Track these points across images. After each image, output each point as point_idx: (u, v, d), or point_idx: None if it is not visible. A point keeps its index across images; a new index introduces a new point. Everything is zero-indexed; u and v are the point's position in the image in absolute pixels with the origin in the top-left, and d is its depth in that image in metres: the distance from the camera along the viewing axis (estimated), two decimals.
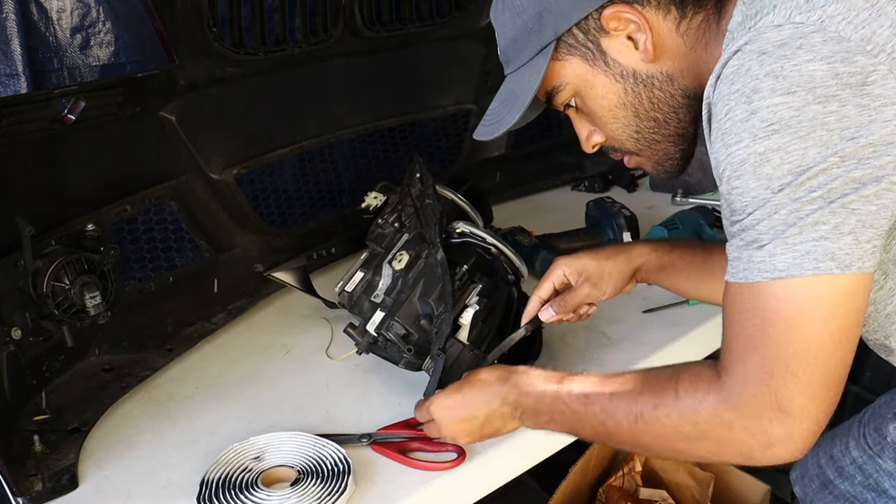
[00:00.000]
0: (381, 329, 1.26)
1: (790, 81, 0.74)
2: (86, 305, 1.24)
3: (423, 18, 1.74)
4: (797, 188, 0.75)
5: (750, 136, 0.76)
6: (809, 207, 0.75)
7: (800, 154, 0.74)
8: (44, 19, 1.62)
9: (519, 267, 1.38)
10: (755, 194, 0.77)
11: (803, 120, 0.74)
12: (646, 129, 1.00)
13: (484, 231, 1.38)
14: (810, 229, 0.75)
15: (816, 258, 0.75)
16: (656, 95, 0.96)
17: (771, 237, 0.77)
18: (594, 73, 0.97)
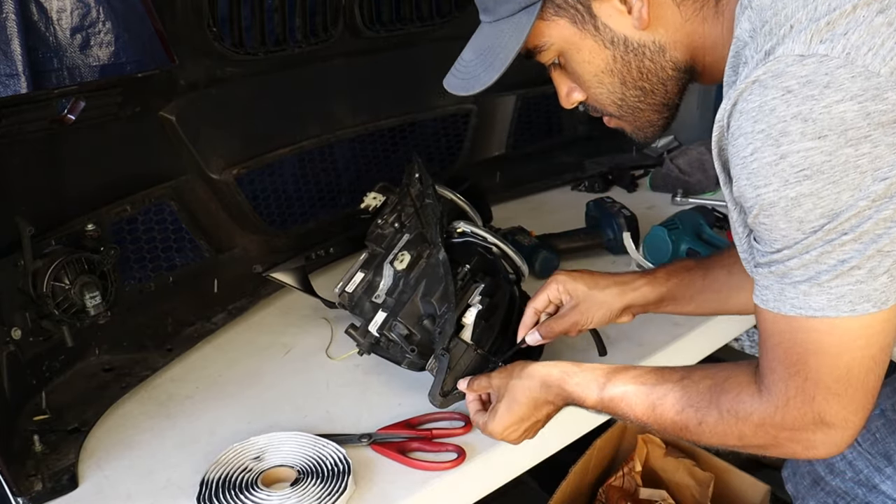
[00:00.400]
0: (383, 329, 1.26)
1: (820, 125, 0.72)
2: (86, 305, 1.24)
3: (423, 18, 1.74)
4: (829, 232, 0.74)
5: (780, 181, 0.75)
6: (841, 251, 0.75)
7: (832, 199, 0.73)
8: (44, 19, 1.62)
9: (520, 266, 1.38)
10: (786, 233, 0.77)
11: (836, 164, 0.72)
12: (631, 97, 0.97)
13: (485, 230, 1.38)
14: (845, 275, 0.75)
15: (852, 301, 0.76)
16: (646, 65, 0.94)
17: (803, 276, 0.78)
18: (582, 36, 0.93)
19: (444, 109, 1.95)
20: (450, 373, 1.15)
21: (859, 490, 1.22)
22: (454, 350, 1.16)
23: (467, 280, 1.27)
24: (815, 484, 1.30)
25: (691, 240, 1.63)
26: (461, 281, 1.26)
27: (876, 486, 1.20)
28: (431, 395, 1.15)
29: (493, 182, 2.06)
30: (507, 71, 0.95)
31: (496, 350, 1.20)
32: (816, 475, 1.29)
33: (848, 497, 1.24)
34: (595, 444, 1.68)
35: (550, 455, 1.24)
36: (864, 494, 1.21)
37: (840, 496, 1.25)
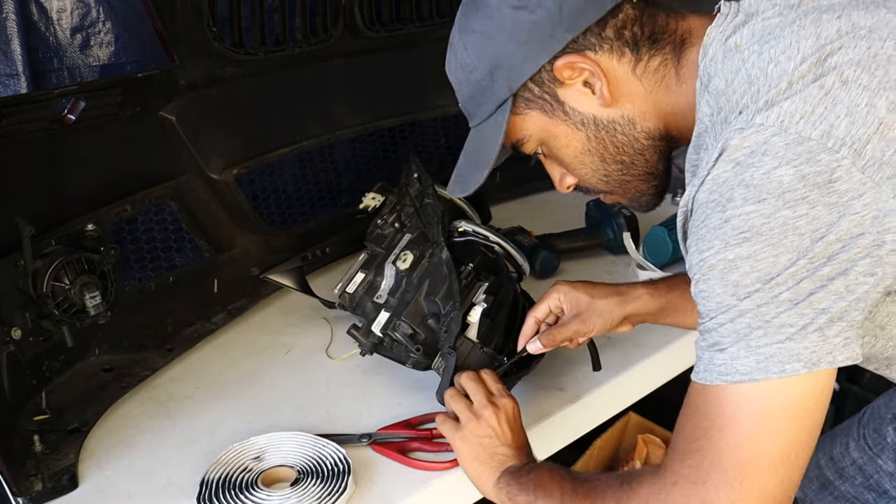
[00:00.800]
0: (386, 329, 1.26)
1: (760, 189, 0.74)
2: (86, 305, 1.24)
3: (423, 18, 1.74)
4: (764, 294, 0.74)
5: (721, 243, 0.76)
6: (775, 311, 0.74)
7: (770, 262, 0.73)
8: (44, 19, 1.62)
9: (521, 264, 1.39)
10: (720, 300, 0.76)
11: (774, 227, 0.73)
12: (614, 171, 1.00)
13: (486, 229, 1.38)
14: (775, 332, 0.74)
15: (782, 360, 0.74)
16: (619, 139, 0.97)
17: (733, 340, 0.76)
18: (555, 123, 0.98)
19: (444, 109, 1.95)
20: (459, 372, 1.15)
21: (869, 495, 1.21)
22: (461, 348, 1.16)
23: (471, 279, 1.27)
24: (823, 488, 1.29)
25: None
26: (465, 280, 1.26)
27: (886, 491, 1.20)
28: (439, 393, 1.14)
29: (493, 182, 2.05)
30: None
31: (501, 348, 1.20)
32: (825, 479, 1.28)
33: (857, 502, 1.24)
34: (595, 444, 1.68)
35: (550, 455, 1.24)
36: (874, 500, 1.21)
37: (849, 501, 1.25)
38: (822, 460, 1.30)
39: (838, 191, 0.72)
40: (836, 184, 0.72)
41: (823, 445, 1.31)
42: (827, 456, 1.29)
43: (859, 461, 1.23)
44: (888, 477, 1.19)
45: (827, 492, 1.28)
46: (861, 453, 1.24)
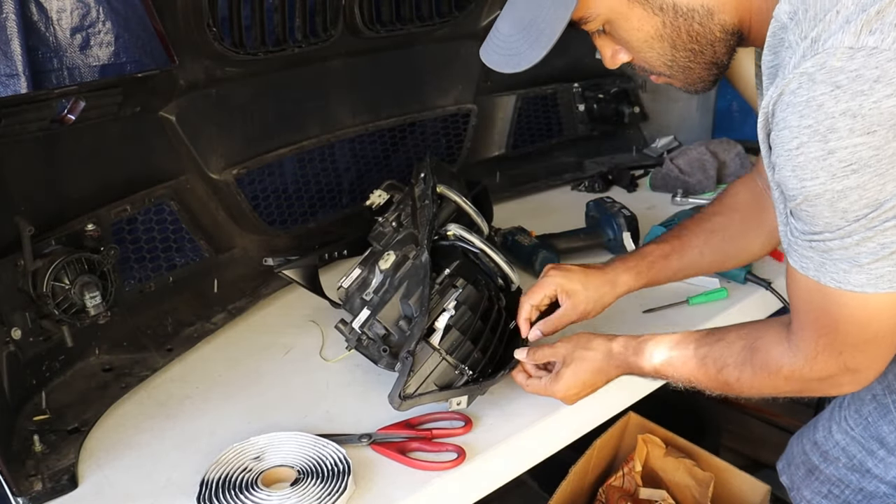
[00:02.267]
0: (364, 327, 1.26)
1: (870, 121, 0.72)
2: (86, 305, 1.24)
3: (423, 18, 1.74)
4: (872, 220, 0.77)
5: (827, 175, 0.76)
6: (882, 237, 0.78)
7: (877, 189, 0.75)
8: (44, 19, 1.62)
9: (509, 274, 1.34)
10: (829, 221, 0.80)
11: (883, 158, 0.74)
12: (681, 58, 0.97)
13: (476, 236, 1.35)
14: (886, 259, 0.79)
15: (891, 280, 0.81)
16: (695, 29, 0.94)
17: (843, 257, 0.82)
18: (630, 5, 0.93)
19: (444, 109, 1.95)
20: (412, 376, 1.14)
21: (853, 476, 1.23)
22: (419, 353, 1.15)
23: (444, 283, 1.25)
24: (809, 473, 1.31)
25: None
26: (438, 285, 1.24)
27: (869, 469, 1.21)
28: (390, 396, 1.14)
29: (493, 182, 2.06)
30: None
31: (466, 357, 1.18)
32: (811, 465, 1.30)
33: (842, 484, 1.25)
34: (595, 444, 1.68)
35: (550, 455, 1.24)
36: (858, 480, 1.23)
37: (834, 484, 1.26)
38: (806, 446, 1.32)
39: None
40: None
41: (807, 432, 1.33)
42: (811, 441, 1.31)
43: (842, 443, 1.25)
44: (870, 455, 1.21)
45: (813, 477, 1.30)
46: (843, 435, 1.25)
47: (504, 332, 1.26)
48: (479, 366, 1.18)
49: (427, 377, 1.15)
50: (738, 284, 1.52)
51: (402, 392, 1.13)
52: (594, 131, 2.28)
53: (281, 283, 1.58)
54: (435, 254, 1.28)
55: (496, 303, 1.28)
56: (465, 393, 1.16)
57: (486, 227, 1.46)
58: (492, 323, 1.23)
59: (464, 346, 1.18)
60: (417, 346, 1.15)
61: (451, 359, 1.16)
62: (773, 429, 2.34)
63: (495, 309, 1.26)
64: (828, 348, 0.91)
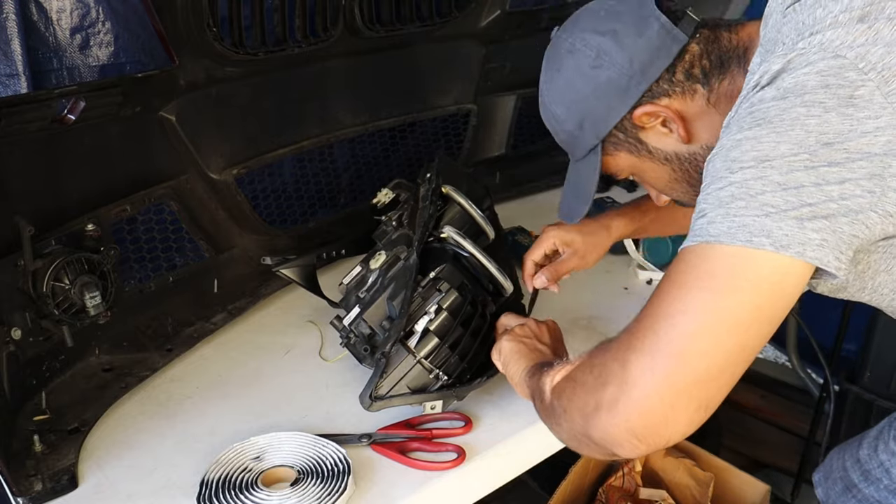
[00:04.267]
0: (352, 325, 1.26)
1: (784, 89, 0.78)
2: (86, 305, 1.24)
3: (423, 18, 1.74)
4: (755, 170, 0.75)
5: (737, 127, 0.80)
6: (761, 187, 0.74)
7: (771, 146, 0.75)
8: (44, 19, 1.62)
9: (500, 281, 1.33)
10: (715, 173, 0.79)
11: (785, 119, 0.76)
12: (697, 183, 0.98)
13: (467, 240, 1.34)
14: (756, 207, 0.74)
15: (752, 231, 0.74)
16: (702, 165, 0.92)
17: (714, 206, 0.77)
18: (641, 161, 1.09)
19: (444, 109, 1.95)
20: (384, 378, 1.14)
21: (893, 500, 1.21)
22: (394, 355, 1.15)
23: (429, 287, 1.24)
24: (846, 490, 1.28)
25: None
26: (421, 287, 1.23)
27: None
28: (361, 396, 1.14)
29: (493, 182, 2.06)
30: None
31: (443, 362, 1.17)
32: (850, 482, 1.28)
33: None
34: None
35: (550, 455, 1.24)
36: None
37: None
38: (847, 462, 1.29)
39: (857, 106, 0.74)
40: (856, 100, 0.74)
41: (851, 447, 1.31)
42: (854, 458, 1.28)
43: (886, 463, 1.23)
44: None
45: (850, 494, 1.27)
46: (889, 456, 1.23)
47: (487, 339, 1.23)
48: (457, 371, 1.17)
49: (400, 380, 1.15)
50: None
51: (372, 393, 1.13)
52: None
53: (280, 283, 1.58)
54: (428, 256, 1.27)
55: (480, 308, 1.25)
56: (438, 398, 1.16)
57: (491, 231, 1.44)
58: (472, 329, 1.21)
59: (441, 351, 1.17)
60: (393, 348, 1.14)
61: (426, 363, 1.15)
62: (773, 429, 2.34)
63: (477, 315, 1.23)
64: (633, 325, 0.79)
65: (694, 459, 1.73)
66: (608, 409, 0.77)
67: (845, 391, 1.86)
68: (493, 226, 1.47)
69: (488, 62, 1.94)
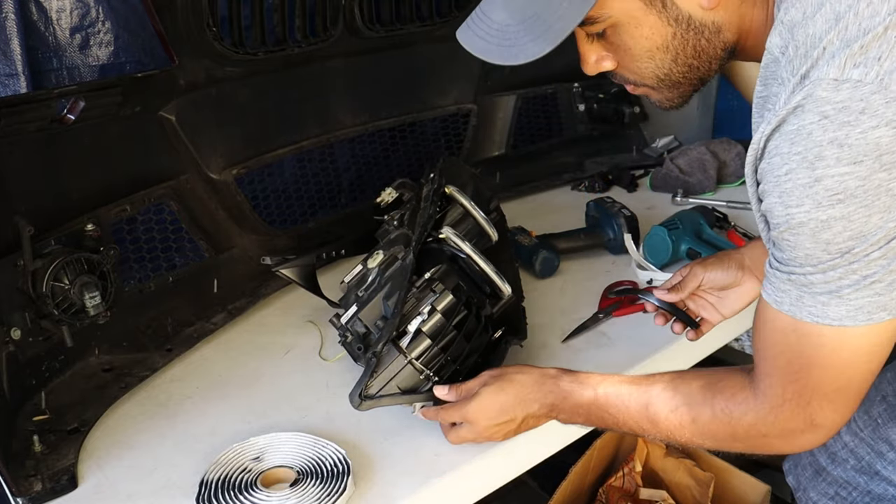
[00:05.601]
0: (348, 324, 1.26)
1: (856, 150, 0.73)
2: (85, 305, 1.24)
3: (423, 18, 1.74)
4: (857, 254, 0.77)
5: (813, 203, 0.76)
6: (866, 269, 0.77)
7: (862, 222, 0.75)
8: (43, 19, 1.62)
9: (497, 283, 1.31)
10: (810, 253, 0.79)
11: (869, 189, 0.74)
12: (677, 72, 0.95)
13: (465, 242, 1.32)
14: (866, 288, 0.78)
15: (870, 311, 0.79)
16: (701, 44, 0.92)
17: (824, 290, 0.80)
18: (647, 12, 0.89)
19: (444, 109, 1.95)
20: (374, 377, 1.13)
21: (861, 478, 1.23)
22: (385, 355, 1.14)
23: (423, 287, 1.22)
24: (816, 475, 1.31)
25: (691, 240, 1.63)
26: (416, 288, 1.22)
27: (878, 471, 1.21)
28: (351, 395, 1.13)
29: (493, 182, 2.06)
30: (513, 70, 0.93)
31: (434, 364, 1.16)
32: (818, 466, 1.30)
33: (850, 486, 1.25)
34: (595, 444, 1.67)
35: (550, 455, 1.24)
36: (866, 482, 1.23)
37: (841, 486, 1.26)
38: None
39: None
40: None
41: None
42: None
43: (850, 444, 1.25)
44: (879, 458, 1.21)
45: (820, 478, 1.30)
46: (852, 436, 1.25)
47: (480, 341, 1.22)
48: (448, 373, 1.16)
49: (391, 380, 1.14)
50: None
51: (362, 392, 1.12)
52: (594, 131, 2.27)
53: (280, 283, 1.58)
54: (426, 256, 1.26)
55: (474, 310, 1.23)
56: (428, 399, 1.15)
57: (494, 232, 1.43)
58: (466, 331, 1.19)
59: (432, 352, 1.16)
60: (384, 348, 1.14)
61: (417, 363, 1.14)
62: None
63: (472, 316, 1.21)
64: (796, 397, 0.87)
65: (694, 459, 1.73)
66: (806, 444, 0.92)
67: None
68: (499, 228, 1.45)
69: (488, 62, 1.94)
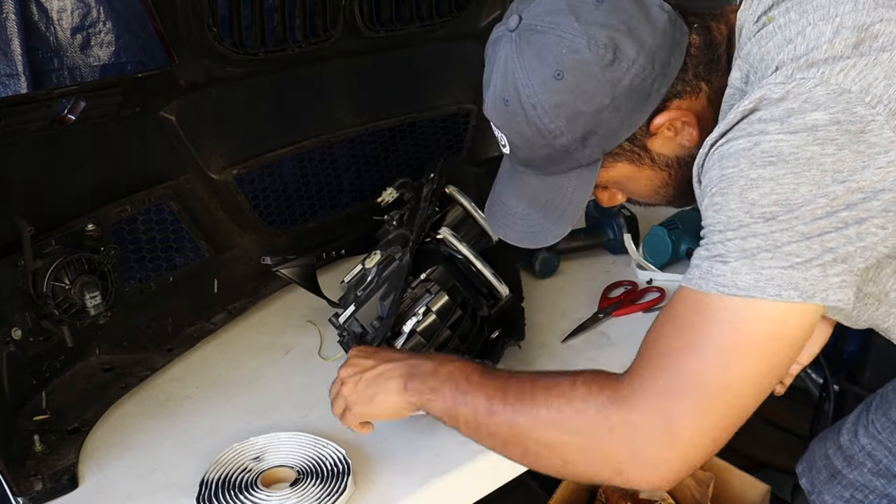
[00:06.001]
0: (346, 323, 1.26)
1: (794, 125, 0.77)
2: (86, 305, 1.24)
3: (423, 18, 1.74)
4: (780, 221, 0.76)
5: (747, 162, 0.78)
6: (787, 238, 0.76)
7: (790, 189, 0.76)
8: (44, 19, 1.62)
9: (494, 285, 1.30)
10: (733, 215, 0.78)
11: (801, 158, 0.76)
12: (683, 190, 0.99)
13: (462, 243, 1.32)
14: (782, 258, 0.76)
15: (780, 285, 0.76)
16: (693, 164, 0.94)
17: (738, 256, 0.77)
18: (640, 170, 0.98)
19: (444, 109, 1.95)
20: None
21: (878, 481, 1.22)
22: None
23: (419, 288, 1.22)
24: (831, 478, 1.29)
25: (691, 240, 1.63)
26: (411, 289, 1.22)
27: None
28: None
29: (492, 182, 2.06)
30: None
31: None
32: (833, 469, 1.29)
33: (866, 489, 1.23)
34: None
35: None
36: (883, 486, 1.21)
37: (858, 489, 1.25)
38: (830, 450, 1.30)
39: (867, 142, 0.75)
40: (867, 136, 0.75)
41: (831, 435, 1.31)
42: (835, 445, 1.29)
43: (868, 447, 1.23)
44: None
45: (835, 481, 1.28)
46: (870, 439, 1.23)
47: (476, 342, 1.22)
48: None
49: None
50: None
51: None
52: None
53: (280, 283, 1.58)
54: (423, 257, 1.26)
55: (470, 311, 1.23)
56: None
57: (494, 233, 1.43)
58: (461, 331, 1.19)
59: None
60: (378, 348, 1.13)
61: None
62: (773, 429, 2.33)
63: (467, 317, 1.22)
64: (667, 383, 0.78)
65: None
66: (657, 467, 0.80)
67: (845, 391, 1.86)
68: None
69: None
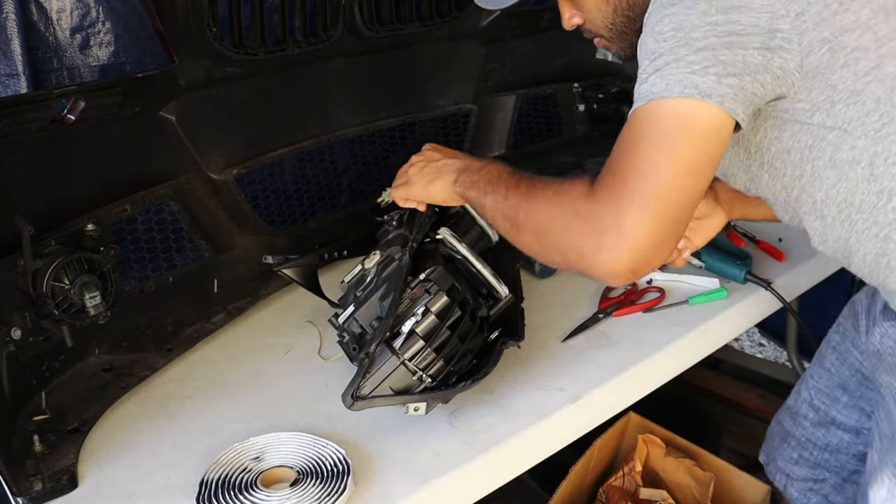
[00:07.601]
0: (345, 324, 1.26)
1: None
2: (86, 305, 1.24)
3: (422, 18, 1.74)
4: (678, 38, 0.92)
5: (660, 5, 0.96)
6: (686, 50, 0.92)
7: (684, 17, 0.93)
8: (44, 19, 1.62)
9: (494, 285, 1.30)
10: (648, 48, 0.96)
11: None
12: (619, 23, 1.14)
13: (461, 243, 1.32)
14: (684, 66, 0.92)
15: (684, 85, 0.91)
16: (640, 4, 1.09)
17: (651, 72, 0.94)
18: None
19: (444, 109, 1.95)
20: (367, 378, 1.13)
21: (819, 432, 1.33)
22: (378, 356, 1.14)
23: (418, 288, 1.22)
24: (783, 441, 1.41)
25: None
26: (410, 289, 1.22)
27: (833, 419, 1.31)
28: (344, 395, 1.13)
29: None
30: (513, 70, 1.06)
31: (428, 365, 1.15)
32: (784, 433, 1.41)
33: (810, 444, 1.35)
34: (595, 444, 1.68)
35: (550, 455, 1.24)
36: (824, 435, 1.33)
37: (804, 447, 1.36)
38: (780, 415, 1.43)
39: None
40: None
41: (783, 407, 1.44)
42: (784, 409, 1.42)
43: (807, 398, 1.35)
44: (834, 403, 1.30)
45: (786, 444, 1.40)
46: (809, 391, 1.35)
47: (475, 343, 1.22)
48: (441, 374, 1.16)
49: (383, 380, 1.14)
50: (737, 284, 1.52)
51: (355, 392, 1.12)
52: (594, 131, 2.27)
53: (281, 284, 1.58)
54: (423, 257, 1.26)
55: (469, 311, 1.23)
56: (421, 400, 1.14)
57: (494, 234, 1.43)
58: (461, 332, 1.19)
59: (426, 353, 1.15)
60: (377, 349, 1.14)
61: (410, 364, 1.14)
62: None
63: (466, 318, 1.21)
64: (614, 178, 0.94)
65: (694, 459, 1.73)
66: (610, 251, 0.93)
67: None
68: None
69: (488, 62, 1.94)
